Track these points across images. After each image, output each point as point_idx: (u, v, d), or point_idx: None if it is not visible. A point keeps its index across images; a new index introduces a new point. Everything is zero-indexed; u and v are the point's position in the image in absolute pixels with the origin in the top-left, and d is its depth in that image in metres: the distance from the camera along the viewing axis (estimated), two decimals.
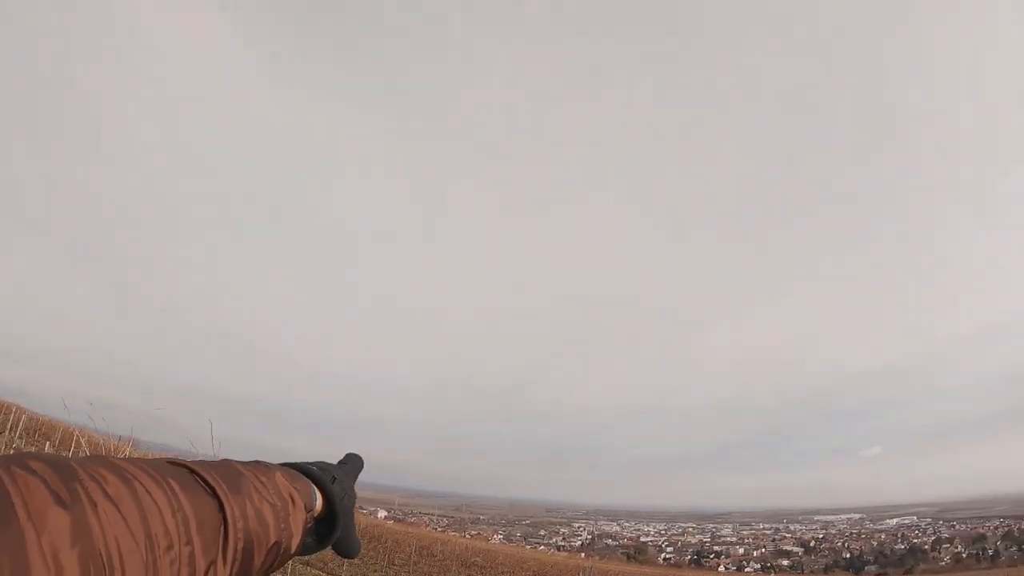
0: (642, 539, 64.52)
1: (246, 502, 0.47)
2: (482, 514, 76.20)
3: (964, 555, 58.23)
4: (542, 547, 59.95)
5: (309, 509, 0.56)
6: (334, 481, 0.65)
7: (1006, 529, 63.24)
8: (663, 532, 68.03)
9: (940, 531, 64.29)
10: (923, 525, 66.43)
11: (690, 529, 68.27)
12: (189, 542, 0.41)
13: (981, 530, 63.72)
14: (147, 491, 0.40)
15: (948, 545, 60.57)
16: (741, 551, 61.02)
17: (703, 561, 58.98)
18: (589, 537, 66.45)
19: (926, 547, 59.90)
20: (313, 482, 0.61)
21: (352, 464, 0.75)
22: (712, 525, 68.05)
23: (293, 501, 0.53)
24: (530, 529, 72.51)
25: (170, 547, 0.39)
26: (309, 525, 0.57)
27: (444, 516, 70.75)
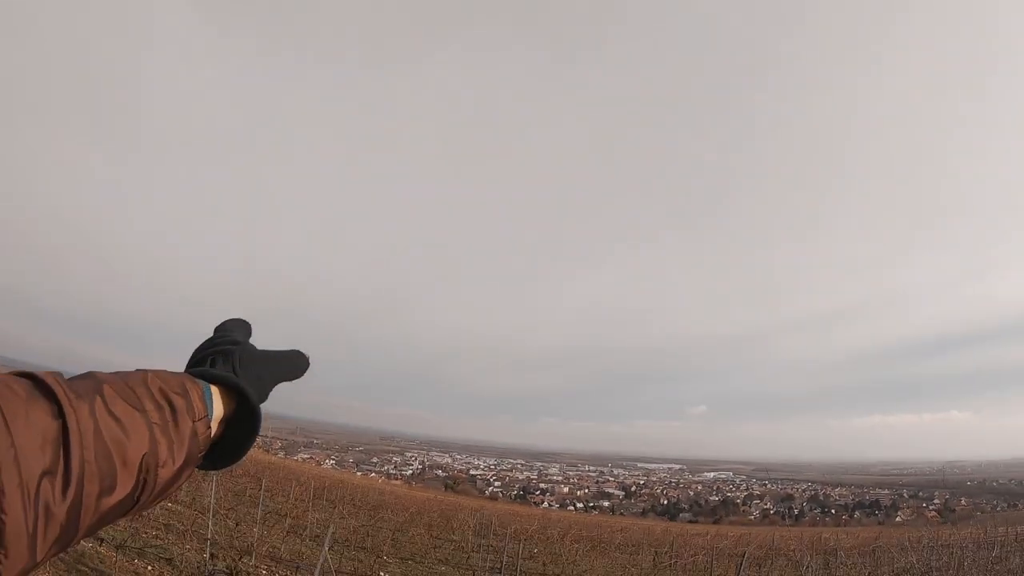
0: (472, 472, 64.80)
1: (98, 407, 0.41)
2: (316, 438, 73.73)
3: (772, 511, 62.86)
4: (373, 474, 58.81)
5: (199, 416, 0.47)
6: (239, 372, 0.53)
7: (813, 492, 69.13)
8: (493, 467, 68.72)
9: (753, 488, 69.44)
10: (738, 481, 71.69)
11: (519, 466, 69.61)
12: (11, 445, 0.38)
13: (790, 491, 69.33)
14: None
15: (759, 501, 65.31)
16: (566, 490, 62.97)
17: (528, 497, 60.00)
18: (420, 467, 66.06)
19: (738, 500, 64.33)
20: (211, 382, 0.51)
21: (278, 360, 0.59)
22: (541, 464, 69.21)
23: (172, 406, 0.45)
24: (363, 456, 71.04)
25: None
26: (204, 433, 0.47)
27: (278, 438, 67.52)
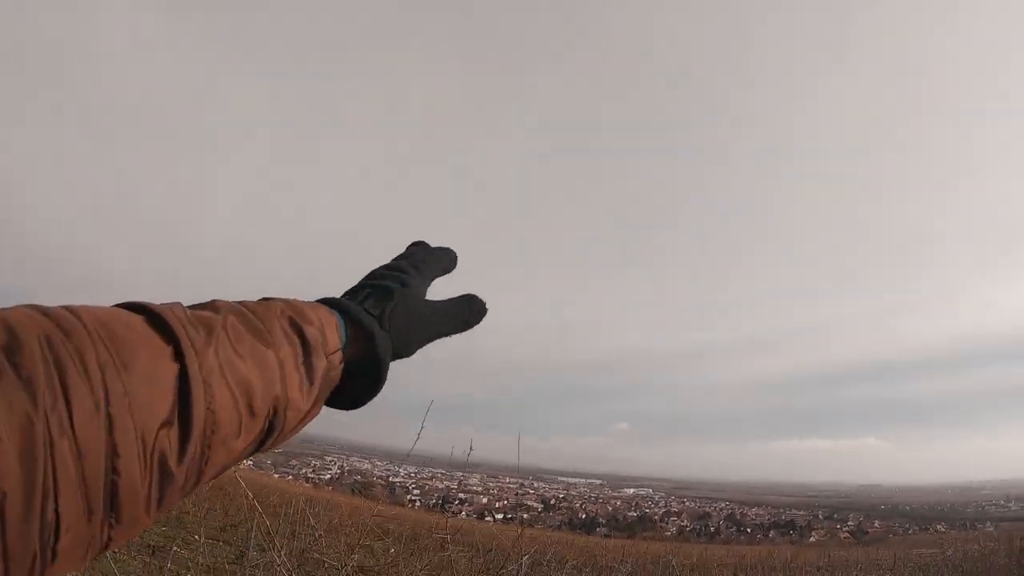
0: (392, 479, 64.34)
1: (222, 345, 0.36)
2: None
3: (688, 528, 64.45)
4: (290, 477, 57.63)
5: (333, 349, 0.44)
6: (386, 299, 0.49)
7: (730, 511, 71.35)
8: (413, 475, 68.60)
9: (671, 505, 71.05)
10: (657, 498, 73.21)
11: (439, 475, 69.64)
12: (126, 394, 0.31)
13: (708, 509, 71.38)
14: None
15: (676, 518, 66.80)
16: (484, 500, 63.18)
17: (447, 507, 59.42)
18: (339, 472, 65.25)
19: (656, 517, 65.70)
20: (342, 313, 0.47)
21: (427, 256, 0.56)
22: (461, 474, 69.18)
23: (304, 339, 0.41)
24: (281, 458, 69.55)
25: (92, 399, 0.29)
26: (338, 368, 0.45)
27: None
